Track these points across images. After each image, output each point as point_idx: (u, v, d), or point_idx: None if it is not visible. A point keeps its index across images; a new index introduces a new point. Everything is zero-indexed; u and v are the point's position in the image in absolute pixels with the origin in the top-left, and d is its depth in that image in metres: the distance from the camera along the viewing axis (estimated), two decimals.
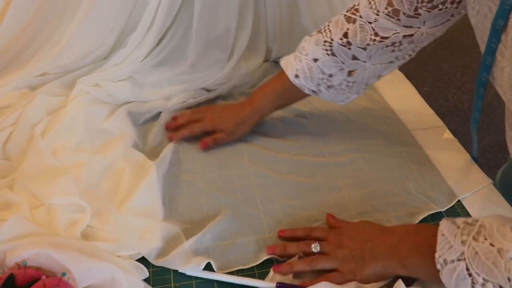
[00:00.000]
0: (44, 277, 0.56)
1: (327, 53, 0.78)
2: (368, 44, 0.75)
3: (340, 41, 0.76)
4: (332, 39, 0.77)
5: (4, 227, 0.63)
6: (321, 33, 0.80)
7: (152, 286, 0.63)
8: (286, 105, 0.89)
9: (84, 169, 0.76)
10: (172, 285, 0.64)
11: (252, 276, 0.64)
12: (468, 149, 0.87)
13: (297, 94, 0.84)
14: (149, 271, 0.64)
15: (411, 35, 0.73)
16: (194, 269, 0.64)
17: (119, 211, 0.70)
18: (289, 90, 0.83)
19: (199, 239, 0.69)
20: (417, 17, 0.71)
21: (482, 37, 0.59)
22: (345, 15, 0.77)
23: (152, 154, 0.82)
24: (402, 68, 1.11)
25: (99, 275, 0.60)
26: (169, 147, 0.84)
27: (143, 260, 0.66)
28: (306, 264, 0.63)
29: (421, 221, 0.72)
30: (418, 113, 0.97)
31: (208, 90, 1.00)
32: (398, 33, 0.73)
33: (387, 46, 0.75)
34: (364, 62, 0.77)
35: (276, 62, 1.12)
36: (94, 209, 0.71)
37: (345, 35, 0.76)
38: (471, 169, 0.83)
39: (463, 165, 0.84)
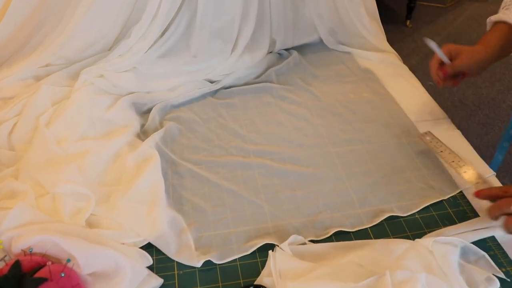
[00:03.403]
0: (49, 263, 0.57)
1: None
2: None
3: None
4: None
5: (9, 215, 0.64)
6: None
7: (156, 273, 0.64)
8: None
9: (88, 158, 0.77)
10: (176, 272, 0.64)
11: (254, 261, 0.65)
12: (471, 142, 0.87)
13: (507, 38, 0.85)
14: (153, 259, 0.65)
15: None
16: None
17: (123, 199, 0.71)
18: (504, 34, 0.85)
19: (202, 227, 0.70)
20: None
21: None
22: None
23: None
24: (406, 62, 1.11)
25: (103, 261, 0.60)
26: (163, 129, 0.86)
27: (147, 248, 0.67)
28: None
29: (422, 210, 0.73)
30: (421, 105, 0.97)
31: (212, 81, 1.00)
32: None
33: None
34: None
35: (280, 54, 1.12)
36: (98, 197, 0.71)
37: None
38: (474, 161, 0.83)
39: (465, 156, 0.84)
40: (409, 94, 0.99)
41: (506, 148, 0.84)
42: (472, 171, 0.75)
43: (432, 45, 0.82)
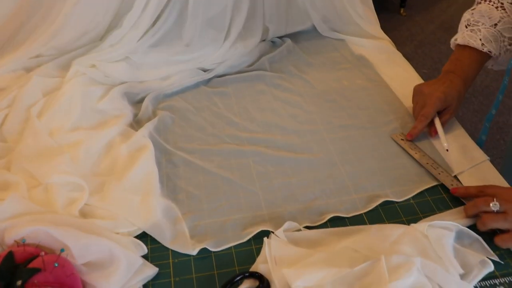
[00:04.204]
0: (43, 253, 0.56)
1: (504, 16, 0.85)
2: None
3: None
4: (501, 3, 0.85)
5: (2, 206, 0.63)
6: (485, 2, 0.87)
7: (150, 262, 0.63)
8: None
9: (81, 149, 0.76)
10: (171, 260, 0.64)
11: (249, 248, 0.65)
12: (466, 129, 0.87)
13: (481, 64, 0.87)
14: (147, 248, 0.65)
15: None
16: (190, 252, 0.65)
17: (117, 189, 0.70)
18: (476, 60, 0.86)
19: (197, 216, 0.70)
20: None
21: None
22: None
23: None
24: (400, 50, 1.10)
25: (97, 251, 0.60)
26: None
27: (141, 237, 0.66)
28: (481, 224, 0.65)
29: (417, 195, 0.73)
30: None
31: (204, 70, 1.00)
32: None
33: None
34: None
35: (273, 42, 1.11)
36: (92, 187, 0.71)
37: None
38: (468, 145, 0.83)
39: (460, 141, 0.84)
40: (403, 81, 0.98)
41: (487, 128, 0.85)
42: (446, 174, 0.75)
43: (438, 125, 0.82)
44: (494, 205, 0.64)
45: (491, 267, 0.61)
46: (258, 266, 0.61)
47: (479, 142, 0.84)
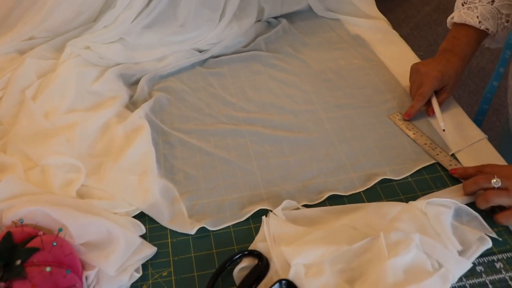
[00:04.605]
0: (41, 233, 0.56)
1: None
2: None
3: None
4: None
5: None
6: None
7: (149, 242, 0.63)
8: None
9: (76, 130, 0.76)
10: (169, 240, 0.64)
11: (248, 227, 0.65)
12: (463, 107, 0.87)
13: (478, 42, 0.87)
14: (146, 227, 0.65)
15: None
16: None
17: (114, 170, 0.70)
18: (474, 38, 0.86)
19: (195, 195, 0.69)
20: None
21: None
22: None
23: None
24: (396, 31, 1.09)
25: (96, 231, 0.60)
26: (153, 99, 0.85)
27: (139, 217, 0.66)
28: (484, 201, 0.65)
29: (415, 173, 0.73)
30: None
31: (200, 51, 0.99)
32: None
33: None
34: None
35: (269, 22, 1.10)
36: (88, 168, 0.71)
37: None
38: (465, 124, 0.83)
39: (457, 120, 0.84)
40: (400, 60, 0.98)
41: (489, 98, 0.85)
42: (444, 154, 0.75)
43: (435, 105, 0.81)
44: (495, 182, 0.64)
45: (489, 244, 0.62)
46: (257, 244, 0.61)
47: (481, 112, 0.84)
